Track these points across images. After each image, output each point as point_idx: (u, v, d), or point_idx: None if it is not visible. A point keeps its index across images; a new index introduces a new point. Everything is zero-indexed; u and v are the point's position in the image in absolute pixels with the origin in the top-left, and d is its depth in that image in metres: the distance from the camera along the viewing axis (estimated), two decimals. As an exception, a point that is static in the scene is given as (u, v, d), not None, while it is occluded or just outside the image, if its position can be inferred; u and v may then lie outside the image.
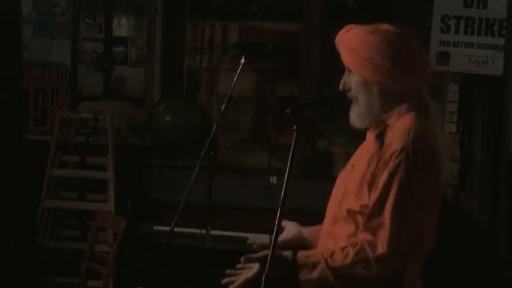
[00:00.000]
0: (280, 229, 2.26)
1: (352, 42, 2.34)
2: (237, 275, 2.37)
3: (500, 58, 4.62)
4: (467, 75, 4.73)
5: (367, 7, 4.89)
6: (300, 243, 2.60)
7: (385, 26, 2.36)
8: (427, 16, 4.70)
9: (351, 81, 2.38)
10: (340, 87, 2.41)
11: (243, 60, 3.42)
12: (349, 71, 2.39)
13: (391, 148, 2.27)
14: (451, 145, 4.70)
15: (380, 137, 2.35)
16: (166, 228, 3.53)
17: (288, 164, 2.23)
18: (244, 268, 2.35)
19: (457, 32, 4.68)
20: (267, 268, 2.17)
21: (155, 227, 4.40)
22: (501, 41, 4.62)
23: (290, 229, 2.64)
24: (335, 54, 2.45)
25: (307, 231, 2.64)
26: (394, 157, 2.24)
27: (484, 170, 4.70)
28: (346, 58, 2.37)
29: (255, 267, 2.32)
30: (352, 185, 2.37)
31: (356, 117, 2.40)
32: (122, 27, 6.20)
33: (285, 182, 2.21)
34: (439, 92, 4.77)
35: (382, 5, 4.80)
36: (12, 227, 1.59)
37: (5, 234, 1.58)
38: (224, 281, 2.39)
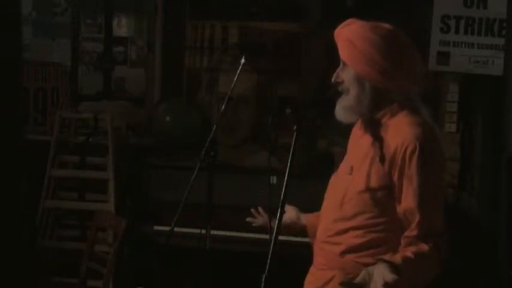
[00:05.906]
0: (280, 227, 2.25)
1: (351, 35, 2.36)
2: None
3: (500, 58, 4.61)
4: (467, 75, 4.72)
5: (367, 7, 4.88)
6: (298, 229, 2.71)
7: (385, 25, 2.39)
8: (427, 16, 4.70)
9: (345, 74, 2.40)
10: (333, 80, 2.43)
11: (243, 60, 3.42)
12: (344, 64, 2.40)
13: (402, 146, 2.30)
14: (451, 145, 4.70)
15: (378, 137, 2.35)
16: (166, 228, 3.53)
17: (288, 164, 2.23)
18: None
19: (457, 32, 4.67)
20: (267, 268, 2.17)
21: (155, 227, 4.40)
22: (501, 41, 4.61)
23: (290, 215, 2.71)
24: (335, 54, 2.45)
25: (305, 218, 2.71)
26: (409, 156, 2.29)
27: (484, 170, 4.70)
28: (343, 51, 2.39)
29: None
30: (353, 189, 2.38)
31: (343, 110, 2.41)
32: (122, 27, 6.20)
33: (285, 182, 2.21)
34: (438, 92, 4.78)
35: (382, 5, 4.80)
36: (12, 227, 1.58)
37: (5, 234, 1.57)
38: None
